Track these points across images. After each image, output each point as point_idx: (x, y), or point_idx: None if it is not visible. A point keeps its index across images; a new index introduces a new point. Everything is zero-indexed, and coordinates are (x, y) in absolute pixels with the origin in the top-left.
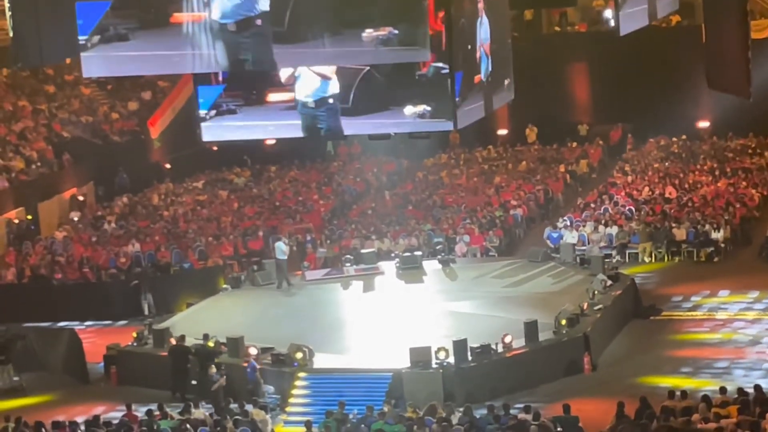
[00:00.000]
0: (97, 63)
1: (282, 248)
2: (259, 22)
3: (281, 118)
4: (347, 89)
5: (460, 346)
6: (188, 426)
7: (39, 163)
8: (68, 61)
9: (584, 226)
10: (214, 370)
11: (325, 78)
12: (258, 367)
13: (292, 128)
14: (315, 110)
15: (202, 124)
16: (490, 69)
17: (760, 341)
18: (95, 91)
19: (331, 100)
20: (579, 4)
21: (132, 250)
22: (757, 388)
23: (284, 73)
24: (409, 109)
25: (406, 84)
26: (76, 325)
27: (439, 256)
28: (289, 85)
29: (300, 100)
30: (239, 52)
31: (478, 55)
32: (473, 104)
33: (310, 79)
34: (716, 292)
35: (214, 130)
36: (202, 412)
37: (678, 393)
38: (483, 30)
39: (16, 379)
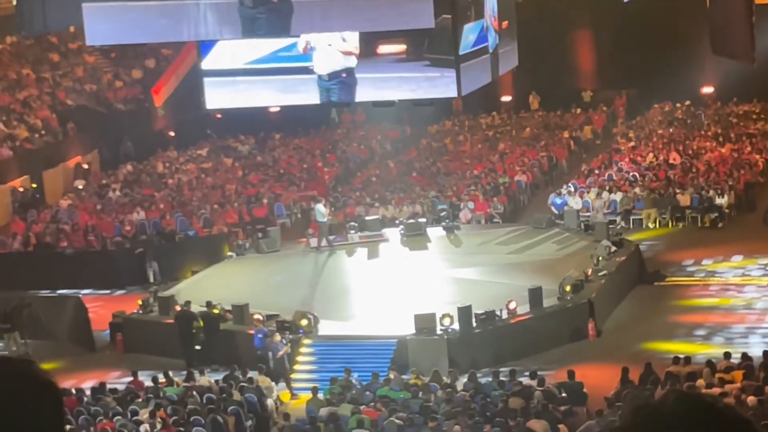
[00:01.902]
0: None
1: (321, 210)
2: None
3: (392, 71)
4: None
5: (464, 312)
6: (194, 393)
7: (43, 132)
8: (72, 29)
9: (588, 192)
10: (278, 338)
11: (348, 54)
12: (269, 334)
13: (407, 84)
14: (329, 83)
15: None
16: (497, 42)
17: (764, 306)
18: (99, 59)
19: (344, 74)
20: None
21: (137, 218)
22: (765, 353)
23: (300, 44)
24: None
25: None
26: (81, 293)
27: (444, 223)
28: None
29: (317, 72)
30: (254, 25)
31: (486, 24)
32: (506, 47)
33: (329, 54)
34: (721, 258)
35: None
36: (207, 378)
37: (682, 358)
38: (490, 2)
39: (22, 346)
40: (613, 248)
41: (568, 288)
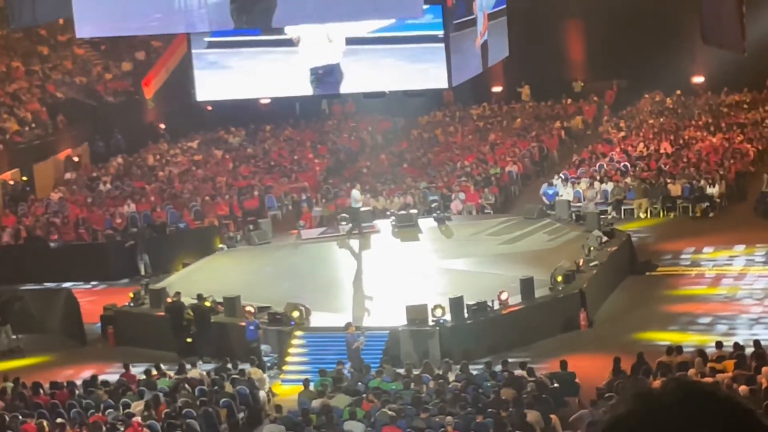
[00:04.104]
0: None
1: (356, 196)
2: None
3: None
4: None
5: (456, 303)
6: (186, 385)
7: (33, 125)
8: (61, 21)
9: (579, 182)
10: (353, 329)
11: (323, 48)
12: (260, 325)
13: None
14: (311, 77)
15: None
16: (486, 37)
17: (756, 296)
18: (89, 51)
19: (321, 71)
20: None
21: (127, 211)
22: (756, 343)
23: (292, 34)
24: None
25: None
26: (72, 286)
27: (435, 214)
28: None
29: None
30: (237, 13)
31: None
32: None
33: (310, 46)
34: (712, 248)
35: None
36: (198, 371)
37: (674, 348)
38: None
39: (14, 338)
40: (605, 238)
41: (559, 278)
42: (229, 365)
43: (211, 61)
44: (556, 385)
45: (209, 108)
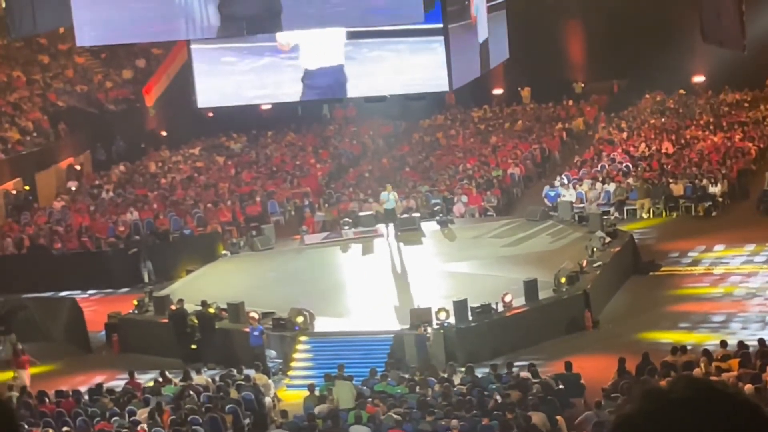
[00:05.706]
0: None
1: (385, 198)
2: None
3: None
4: None
5: (460, 306)
6: (191, 392)
7: (35, 134)
8: (62, 30)
9: (581, 183)
10: (422, 329)
11: (321, 54)
12: (265, 331)
13: None
14: (313, 81)
15: None
16: (486, 36)
17: (759, 294)
18: (89, 59)
19: (319, 76)
20: None
21: (130, 219)
22: (761, 341)
23: (282, 40)
24: None
25: None
26: (76, 295)
27: (438, 217)
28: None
29: (303, 68)
30: (236, 20)
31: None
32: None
33: (315, 51)
34: (715, 247)
35: None
36: (203, 377)
37: (679, 348)
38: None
39: (18, 348)
40: (608, 239)
41: (563, 280)
42: (234, 371)
43: (212, 66)
44: (561, 386)
45: (210, 114)
